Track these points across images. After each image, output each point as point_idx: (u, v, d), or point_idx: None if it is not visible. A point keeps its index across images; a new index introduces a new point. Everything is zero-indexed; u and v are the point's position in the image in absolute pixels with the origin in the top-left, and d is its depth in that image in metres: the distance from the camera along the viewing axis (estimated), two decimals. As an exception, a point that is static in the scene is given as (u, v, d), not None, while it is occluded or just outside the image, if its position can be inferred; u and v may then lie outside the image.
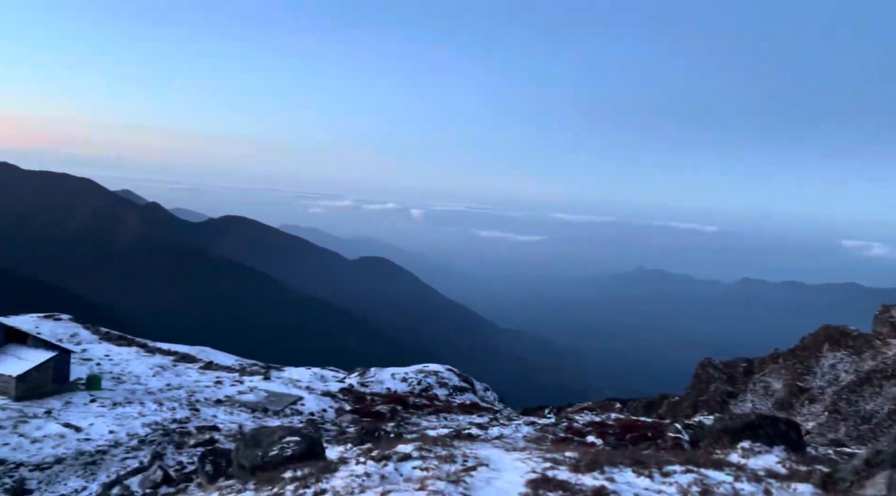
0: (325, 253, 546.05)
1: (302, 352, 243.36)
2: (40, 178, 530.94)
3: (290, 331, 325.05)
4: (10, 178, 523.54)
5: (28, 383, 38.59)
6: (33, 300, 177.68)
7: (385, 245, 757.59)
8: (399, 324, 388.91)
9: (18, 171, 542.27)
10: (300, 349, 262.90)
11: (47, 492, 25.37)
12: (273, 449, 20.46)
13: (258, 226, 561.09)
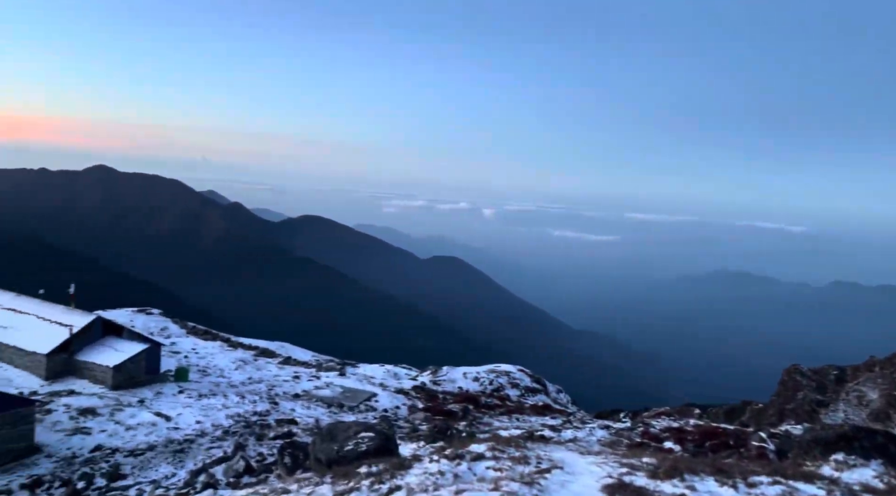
0: (398, 252, 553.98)
1: (375, 349, 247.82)
2: (134, 179, 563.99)
3: (364, 329, 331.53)
4: (108, 180, 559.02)
5: (123, 373, 41.04)
6: (127, 295, 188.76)
7: (457, 244, 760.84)
8: (470, 324, 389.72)
9: (115, 173, 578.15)
10: (373, 346, 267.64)
11: (140, 477, 26.88)
12: (348, 444, 20.88)
13: (334, 225, 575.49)
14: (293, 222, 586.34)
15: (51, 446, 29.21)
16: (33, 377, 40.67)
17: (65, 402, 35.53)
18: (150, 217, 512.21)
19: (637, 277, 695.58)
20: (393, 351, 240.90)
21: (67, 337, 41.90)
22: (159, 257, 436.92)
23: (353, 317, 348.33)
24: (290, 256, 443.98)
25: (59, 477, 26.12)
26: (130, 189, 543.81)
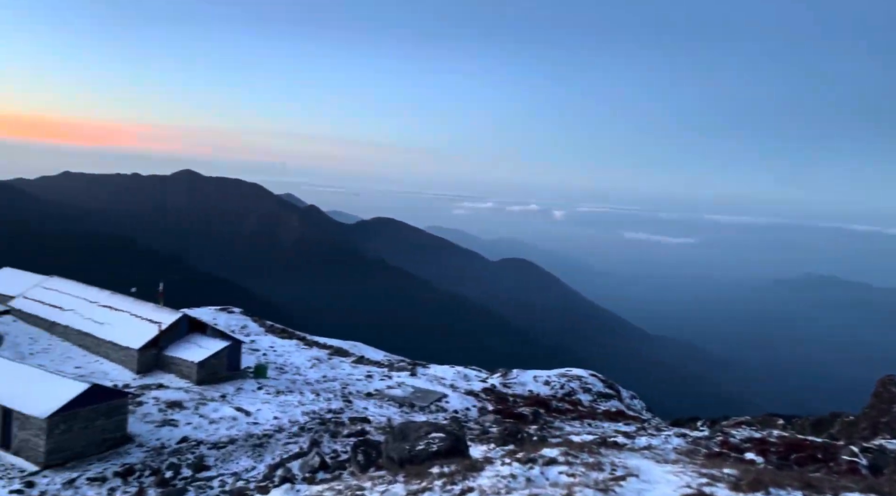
0: (468, 254, 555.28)
1: (445, 350, 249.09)
2: (217, 183, 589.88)
3: (434, 329, 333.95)
4: (194, 184, 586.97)
5: (207, 369, 43.00)
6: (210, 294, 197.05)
7: (527, 246, 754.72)
8: (540, 326, 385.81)
9: (200, 177, 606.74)
10: (443, 347, 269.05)
11: (223, 469, 28.08)
12: (419, 443, 21.11)
13: (406, 227, 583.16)
14: (366, 224, 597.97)
15: (141, 436, 30.95)
16: (126, 371, 43.21)
17: (154, 395, 37.55)
18: (232, 219, 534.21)
19: (716, 281, 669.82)
20: (462, 352, 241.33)
21: (156, 333, 44.29)
22: (240, 257, 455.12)
23: (423, 318, 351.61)
24: (363, 258, 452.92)
25: (149, 466, 27.63)
26: (214, 192, 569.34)
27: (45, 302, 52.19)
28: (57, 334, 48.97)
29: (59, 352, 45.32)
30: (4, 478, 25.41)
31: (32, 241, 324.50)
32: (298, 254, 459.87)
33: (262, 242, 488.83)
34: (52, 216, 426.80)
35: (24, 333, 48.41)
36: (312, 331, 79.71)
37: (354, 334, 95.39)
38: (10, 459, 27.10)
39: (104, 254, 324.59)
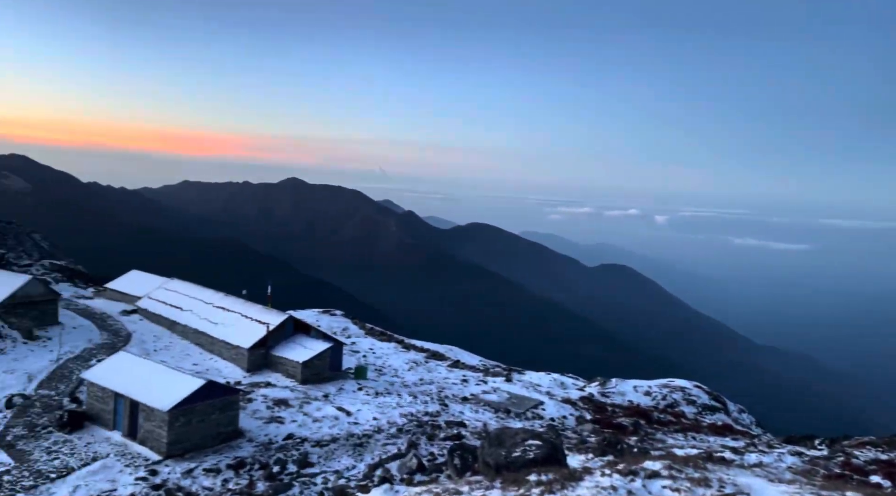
0: (564, 259, 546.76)
1: (540, 356, 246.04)
2: (321, 190, 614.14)
3: (529, 335, 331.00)
4: (299, 191, 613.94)
5: (310, 369, 44.81)
6: (314, 296, 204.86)
7: (626, 252, 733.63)
8: (640, 335, 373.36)
9: (305, 184, 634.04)
10: (539, 353, 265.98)
11: (325, 466, 29.16)
12: (516, 450, 21.01)
13: (501, 232, 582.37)
14: (462, 229, 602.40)
15: (251, 432, 32.69)
16: (238, 369, 45.79)
17: (262, 393, 39.57)
18: (333, 224, 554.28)
19: (833, 290, 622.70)
20: (558, 359, 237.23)
21: (265, 334, 46.64)
22: (341, 261, 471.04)
23: (518, 324, 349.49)
24: (458, 262, 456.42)
25: (258, 460, 29.15)
26: (317, 199, 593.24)
27: (166, 302, 56.29)
28: (177, 333, 52.68)
29: (179, 350, 48.70)
30: (131, 465, 27.64)
31: (156, 245, 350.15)
32: (396, 258, 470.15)
33: (362, 247, 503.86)
34: (173, 221, 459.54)
35: (148, 331, 52.42)
36: (409, 334, 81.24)
37: (450, 338, 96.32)
38: (137, 448, 29.43)
39: (217, 257, 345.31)
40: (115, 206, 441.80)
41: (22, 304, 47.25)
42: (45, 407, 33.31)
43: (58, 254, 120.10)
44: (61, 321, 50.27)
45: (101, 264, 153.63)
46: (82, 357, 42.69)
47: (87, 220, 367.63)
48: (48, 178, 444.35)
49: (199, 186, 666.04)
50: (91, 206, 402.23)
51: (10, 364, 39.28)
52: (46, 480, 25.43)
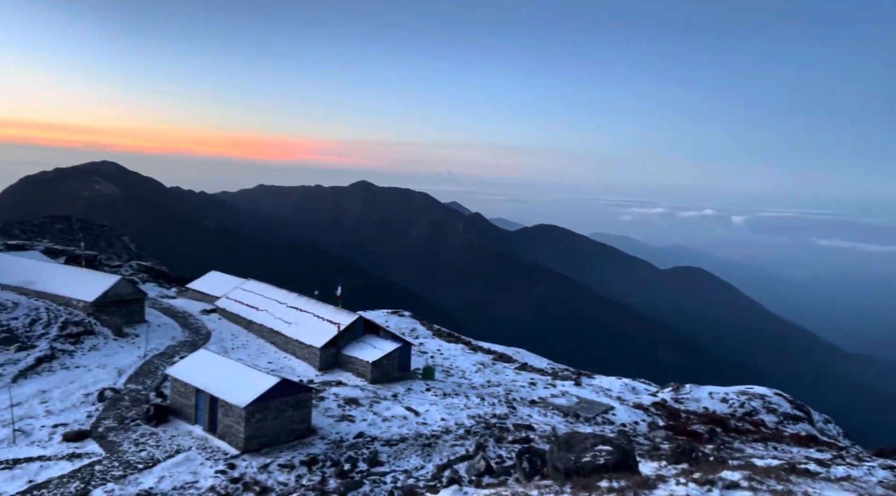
0: (635, 261, 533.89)
1: (610, 359, 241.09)
2: (389, 193, 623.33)
3: (599, 339, 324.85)
4: (368, 194, 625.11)
5: (380, 369, 45.52)
6: (382, 297, 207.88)
7: (701, 254, 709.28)
8: (716, 340, 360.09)
9: (374, 187, 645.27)
10: (608, 357, 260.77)
11: (395, 466, 29.53)
12: (586, 455, 20.65)
13: (569, 234, 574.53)
14: (529, 231, 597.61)
15: (323, 429, 33.47)
16: (310, 367, 47.04)
17: (334, 392, 40.47)
18: (402, 226, 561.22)
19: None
20: (629, 363, 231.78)
21: (336, 333, 47.72)
22: (409, 263, 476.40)
23: (587, 327, 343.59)
24: (525, 264, 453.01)
25: (330, 457, 29.82)
26: (386, 201, 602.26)
27: (243, 302, 58.48)
28: (253, 331, 54.63)
29: (255, 348, 50.48)
30: (211, 458, 28.82)
31: (233, 246, 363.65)
32: (463, 260, 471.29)
33: (429, 248, 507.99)
34: (249, 224, 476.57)
35: (226, 330, 54.59)
36: (476, 335, 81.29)
37: (517, 340, 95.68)
38: (216, 442, 30.66)
39: (290, 259, 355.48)
40: (195, 209, 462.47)
41: (112, 303, 50.17)
42: (133, 400, 35.21)
43: (144, 256, 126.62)
44: (147, 319, 53.06)
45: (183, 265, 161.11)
46: (166, 354, 44.87)
47: (171, 223, 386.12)
48: (136, 183, 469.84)
49: (274, 190, 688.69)
50: (174, 210, 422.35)
51: (102, 359, 41.72)
52: (134, 470, 26.85)
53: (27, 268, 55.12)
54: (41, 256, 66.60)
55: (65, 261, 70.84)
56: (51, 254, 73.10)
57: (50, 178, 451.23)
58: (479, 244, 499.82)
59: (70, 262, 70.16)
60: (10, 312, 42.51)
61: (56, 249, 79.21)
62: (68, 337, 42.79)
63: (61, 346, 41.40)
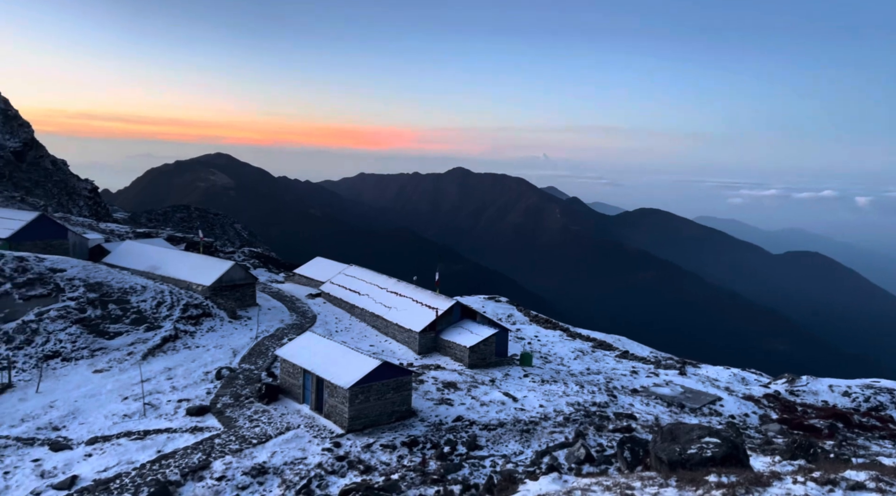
0: (745, 246, 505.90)
1: (716, 348, 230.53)
2: (485, 179, 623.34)
3: (704, 326, 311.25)
4: (465, 180, 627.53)
5: (477, 354, 45.86)
6: (479, 283, 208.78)
7: (818, 238, 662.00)
8: (835, 329, 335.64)
9: (470, 173, 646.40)
10: (715, 346, 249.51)
11: (493, 450, 29.74)
12: (691, 447, 19.88)
13: (672, 217, 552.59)
14: (630, 215, 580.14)
15: (423, 412, 34.21)
16: (409, 351, 48.13)
17: (433, 375, 41.22)
18: (498, 212, 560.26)
19: None
20: (737, 353, 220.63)
21: (434, 318, 48.48)
22: (506, 248, 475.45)
23: (691, 314, 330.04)
24: (625, 250, 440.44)
25: (430, 439, 30.45)
26: (482, 187, 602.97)
27: (346, 287, 60.58)
28: (355, 315, 56.53)
29: (357, 331, 52.23)
30: (318, 436, 30.21)
31: (336, 233, 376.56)
32: (560, 245, 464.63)
33: (526, 234, 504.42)
34: (351, 212, 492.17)
35: (331, 313, 56.78)
36: (574, 322, 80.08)
37: (616, 328, 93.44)
38: (323, 421, 32.10)
39: (390, 244, 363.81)
40: (301, 198, 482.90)
41: (227, 287, 53.43)
42: (246, 379, 37.44)
43: (255, 242, 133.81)
44: (258, 303, 56.12)
45: (290, 251, 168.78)
46: (276, 335, 47.32)
47: (279, 211, 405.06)
48: (247, 173, 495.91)
49: (374, 178, 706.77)
50: (282, 199, 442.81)
51: (218, 340, 44.61)
52: (249, 445, 28.60)
53: (153, 254, 59.65)
54: (165, 243, 71.81)
55: (185, 248, 76.07)
56: (173, 241, 78.69)
57: (171, 171, 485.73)
58: (576, 229, 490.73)
59: (189, 249, 75.29)
60: (139, 295, 46.24)
61: (177, 236, 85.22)
62: (189, 318, 46.02)
63: (183, 327, 44.61)
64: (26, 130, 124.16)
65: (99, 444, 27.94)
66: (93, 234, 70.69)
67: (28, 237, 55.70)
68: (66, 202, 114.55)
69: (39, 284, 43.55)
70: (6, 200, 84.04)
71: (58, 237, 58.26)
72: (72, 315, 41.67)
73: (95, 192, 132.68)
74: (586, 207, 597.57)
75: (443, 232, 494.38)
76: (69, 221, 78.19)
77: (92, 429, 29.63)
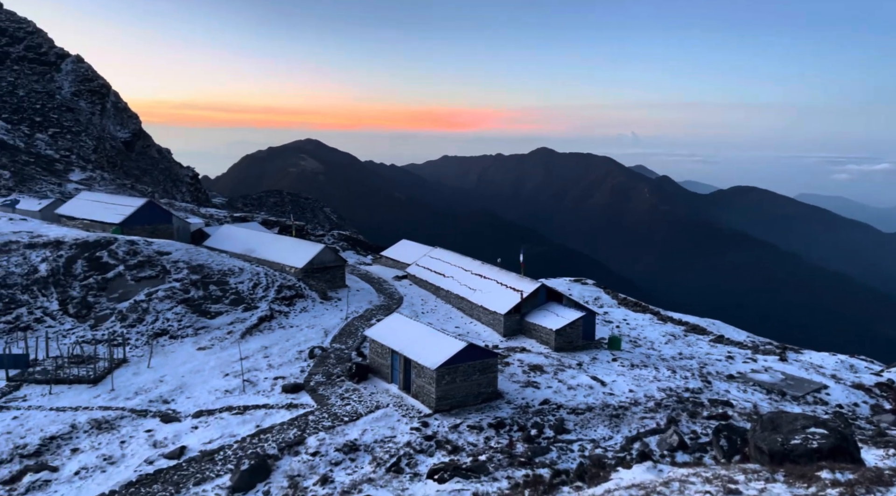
0: (853, 225, 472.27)
1: (821, 334, 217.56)
2: (570, 159, 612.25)
3: (807, 311, 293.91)
4: (549, 161, 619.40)
5: (563, 337, 45.23)
6: (564, 265, 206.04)
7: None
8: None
9: (554, 154, 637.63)
10: (819, 331, 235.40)
11: (581, 434, 29.31)
12: (795, 437, 18.81)
13: (770, 195, 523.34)
14: (724, 194, 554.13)
15: (509, 394, 34.15)
16: (494, 333, 48.11)
17: (518, 358, 41.04)
18: (584, 193, 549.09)
19: None
20: (845, 339, 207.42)
21: (519, 300, 48.16)
22: (592, 229, 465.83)
23: (792, 298, 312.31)
24: (719, 230, 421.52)
25: (516, 421, 30.39)
26: (567, 168, 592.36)
27: (431, 269, 61.20)
28: (440, 297, 57.05)
29: (443, 313, 52.71)
30: (407, 416, 30.80)
31: (420, 216, 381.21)
32: (649, 226, 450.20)
33: (613, 214, 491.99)
34: (435, 194, 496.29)
35: (417, 295, 57.58)
36: (664, 305, 77.49)
37: (710, 311, 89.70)
38: (411, 401, 32.69)
39: (473, 227, 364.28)
40: (387, 181, 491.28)
41: (318, 269, 55.20)
42: (337, 358, 38.63)
43: (343, 225, 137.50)
44: (347, 284, 57.68)
45: (376, 234, 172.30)
46: (364, 316, 48.50)
47: (366, 194, 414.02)
48: (335, 158, 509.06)
49: (457, 160, 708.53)
50: (368, 183, 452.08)
51: (311, 320, 46.24)
52: (341, 422, 29.54)
53: (249, 237, 62.41)
54: (259, 227, 74.99)
55: (278, 231, 79.15)
56: (267, 225, 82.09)
57: (264, 157, 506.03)
58: (666, 209, 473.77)
59: (282, 232, 78.29)
60: (237, 277, 48.55)
61: (271, 220, 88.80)
62: (283, 299, 47.92)
63: (278, 308, 46.51)
64: (134, 121, 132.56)
65: (204, 417, 29.66)
66: (194, 218, 74.79)
67: (137, 222, 59.61)
68: (170, 188, 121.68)
69: (148, 266, 46.53)
70: (118, 187, 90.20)
71: (163, 222, 62.00)
72: (177, 295, 44.32)
73: (196, 178, 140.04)
74: (677, 186, 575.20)
75: (526, 213, 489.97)
76: (173, 207, 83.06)
77: (197, 403, 31.49)
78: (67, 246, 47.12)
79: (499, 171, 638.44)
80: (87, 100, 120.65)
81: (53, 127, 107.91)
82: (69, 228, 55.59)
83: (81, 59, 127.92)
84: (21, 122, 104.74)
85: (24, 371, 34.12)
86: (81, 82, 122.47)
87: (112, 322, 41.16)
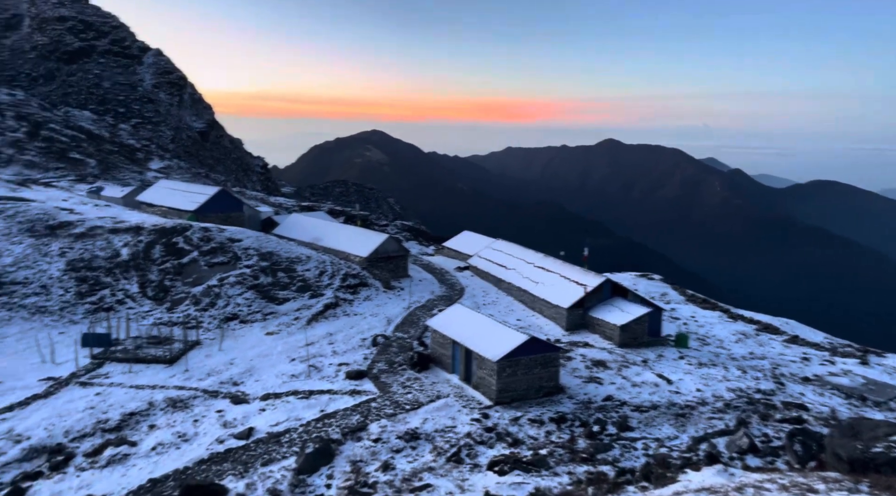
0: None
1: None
2: (638, 151, 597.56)
3: (891, 312, 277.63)
4: (616, 152, 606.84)
5: (628, 333, 44.27)
6: (630, 259, 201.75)
7: None
8: None
9: (622, 145, 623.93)
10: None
11: (645, 433, 28.64)
12: (877, 445, 17.84)
13: (852, 190, 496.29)
14: (801, 188, 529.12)
15: (570, 389, 33.72)
16: (556, 327, 47.56)
17: (581, 352, 40.44)
18: (651, 185, 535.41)
19: None
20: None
21: (582, 295, 47.41)
22: (659, 224, 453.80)
23: (875, 298, 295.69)
24: (795, 225, 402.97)
25: (578, 417, 29.97)
26: (634, 160, 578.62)
27: (492, 261, 61.01)
28: (502, 289, 56.83)
29: (504, 305, 52.49)
30: (467, 406, 30.88)
31: (483, 207, 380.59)
32: (720, 220, 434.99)
33: (681, 208, 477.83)
34: (498, 185, 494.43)
35: (478, 287, 57.56)
36: (735, 303, 74.68)
37: (784, 310, 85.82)
38: (471, 392, 32.75)
39: (536, 219, 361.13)
40: (450, 172, 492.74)
41: (382, 259, 55.93)
42: (400, 347, 39.09)
43: (406, 216, 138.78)
44: (410, 274, 58.21)
45: (438, 225, 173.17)
46: (426, 306, 48.85)
47: (429, 185, 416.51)
48: (399, 150, 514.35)
49: (521, 152, 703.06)
50: (432, 174, 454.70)
51: (374, 308, 46.94)
52: (403, 410, 29.90)
53: (316, 226, 63.83)
54: (326, 216, 76.57)
55: (343, 221, 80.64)
56: (333, 214, 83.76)
57: (331, 147, 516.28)
58: (738, 203, 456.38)
59: (348, 222, 79.70)
60: (304, 264, 49.76)
61: (336, 210, 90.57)
62: (348, 287, 48.83)
63: (343, 295, 47.43)
64: (209, 112, 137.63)
65: (271, 400, 30.61)
66: (264, 207, 77.07)
67: (210, 210, 61.90)
68: (241, 178, 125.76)
69: (220, 253, 48.27)
70: (194, 176, 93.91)
71: (235, 210, 64.16)
72: (247, 281, 45.82)
73: (266, 168, 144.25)
74: (750, 180, 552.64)
75: (591, 206, 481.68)
76: (244, 195, 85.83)
77: (265, 386, 32.52)
78: (147, 232, 49.42)
79: (564, 163, 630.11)
80: (166, 91, 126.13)
81: (135, 117, 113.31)
82: (148, 215, 58.31)
83: (161, 52, 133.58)
84: (106, 112, 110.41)
85: (106, 350, 36.10)
86: (161, 75, 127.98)
87: (186, 305, 42.95)
